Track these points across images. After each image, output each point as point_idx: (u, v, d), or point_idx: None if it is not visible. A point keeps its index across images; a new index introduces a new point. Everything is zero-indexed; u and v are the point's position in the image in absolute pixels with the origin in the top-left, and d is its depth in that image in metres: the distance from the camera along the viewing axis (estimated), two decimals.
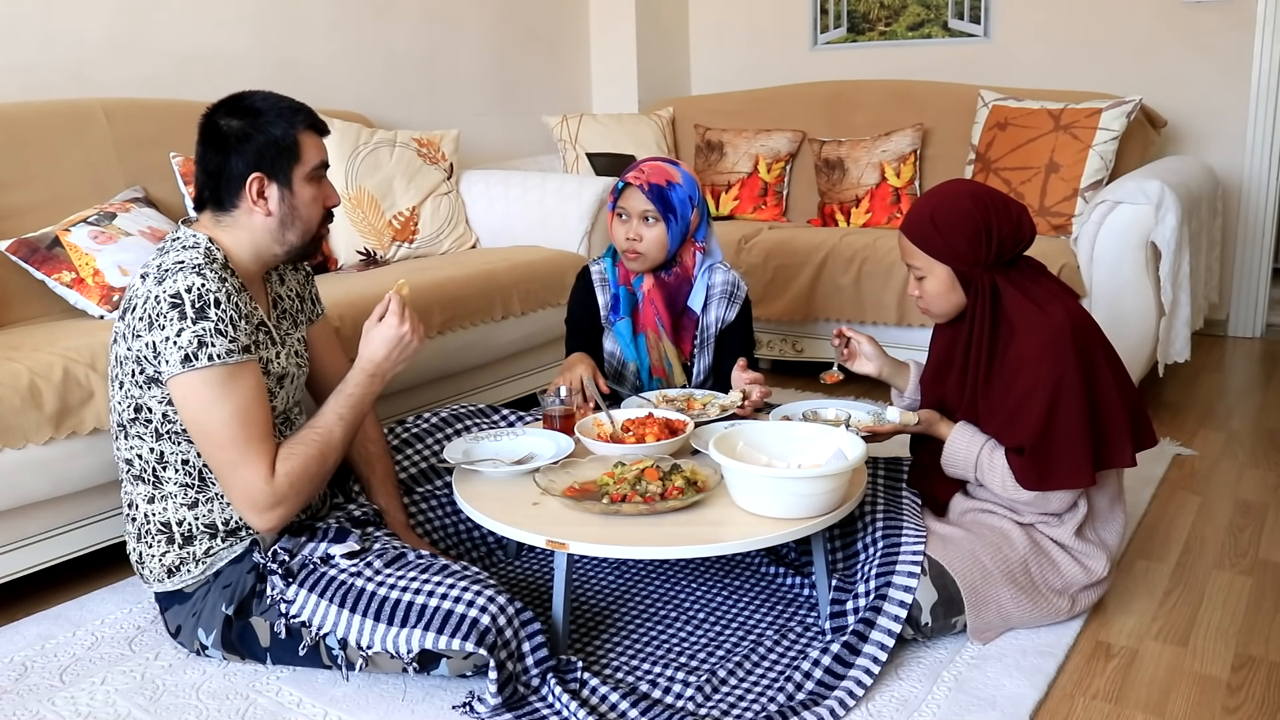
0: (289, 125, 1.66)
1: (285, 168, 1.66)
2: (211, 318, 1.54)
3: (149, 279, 1.59)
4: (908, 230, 1.80)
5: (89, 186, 2.51)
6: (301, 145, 1.67)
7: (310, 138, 1.69)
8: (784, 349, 3.35)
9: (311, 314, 1.89)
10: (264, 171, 1.65)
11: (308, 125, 1.69)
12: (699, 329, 2.23)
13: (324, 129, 1.72)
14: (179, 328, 1.53)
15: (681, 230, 2.17)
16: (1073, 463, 1.68)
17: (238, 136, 1.64)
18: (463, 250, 3.20)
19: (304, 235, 1.72)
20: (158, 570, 1.70)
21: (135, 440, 1.66)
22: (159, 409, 1.61)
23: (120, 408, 1.66)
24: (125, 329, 1.60)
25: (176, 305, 1.53)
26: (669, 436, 1.85)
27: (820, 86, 3.98)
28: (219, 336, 1.54)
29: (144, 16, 2.85)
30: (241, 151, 1.64)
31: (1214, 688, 1.63)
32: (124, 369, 1.62)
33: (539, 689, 1.57)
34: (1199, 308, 3.04)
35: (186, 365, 1.53)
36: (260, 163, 1.64)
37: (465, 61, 3.89)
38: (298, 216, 1.69)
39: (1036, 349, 1.69)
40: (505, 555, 2.07)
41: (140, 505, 1.69)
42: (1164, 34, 3.67)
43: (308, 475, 1.64)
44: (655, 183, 2.13)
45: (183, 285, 1.54)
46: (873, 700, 1.58)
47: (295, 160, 1.67)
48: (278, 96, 1.69)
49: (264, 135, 1.64)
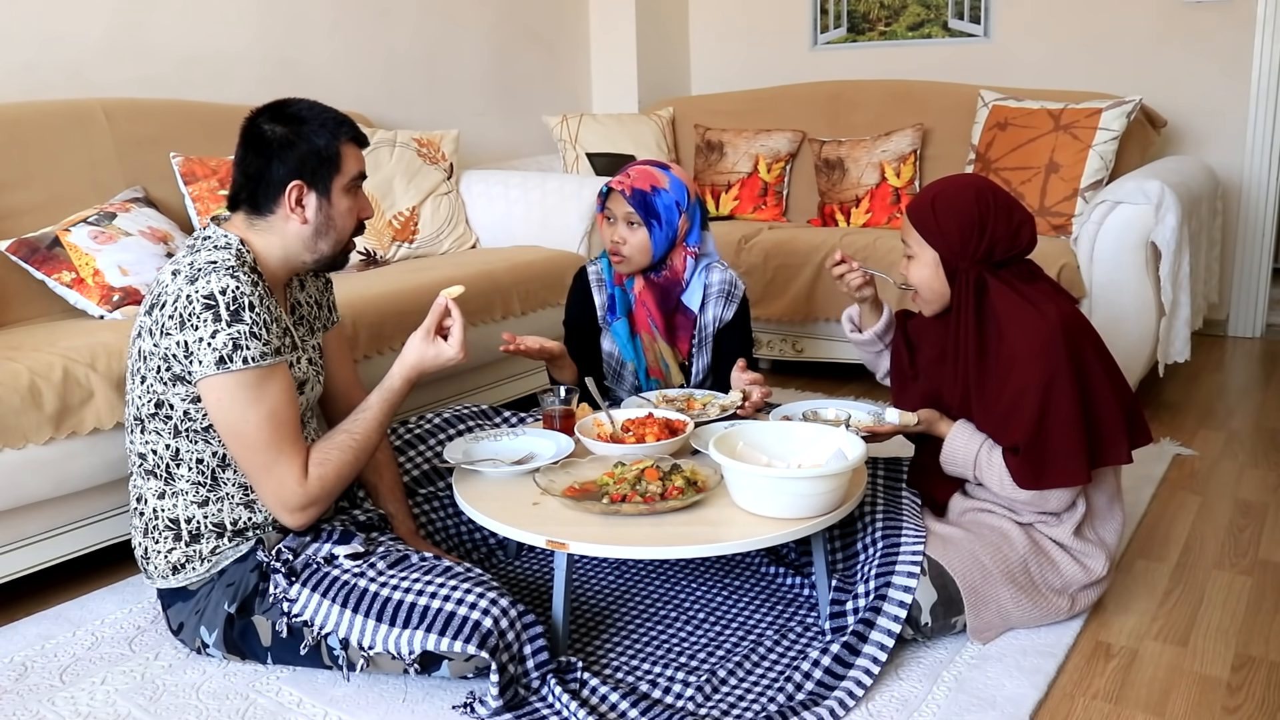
0: (333, 135, 1.66)
1: (326, 178, 1.67)
2: (246, 320, 1.55)
3: (180, 276, 1.58)
4: (909, 209, 1.84)
5: (89, 186, 2.51)
6: (343, 156, 1.68)
7: (351, 149, 1.70)
8: (784, 349, 3.35)
9: (327, 321, 1.90)
10: (305, 180, 1.65)
11: (350, 137, 1.69)
12: (696, 328, 2.23)
13: (364, 141, 1.73)
14: (214, 329, 1.53)
15: (668, 236, 2.17)
16: (1068, 462, 1.68)
17: (281, 143, 1.64)
18: (463, 250, 3.20)
19: (336, 245, 1.72)
20: (162, 566, 1.70)
21: (152, 435, 1.66)
22: (181, 406, 1.62)
23: (140, 401, 1.65)
24: (152, 324, 1.60)
25: (210, 307, 1.54)
26: (669, 436, 1.85)
27: (820, 86, 3.98)
28: (253, 340, 1.55)
29: (144, 17, 2.85)
30: (284, 158, 1.64)
31: (1214, 688, 1.63)
32: (148, 364, 1.62)
33: (539, 689, 1.57)
34: (1199, 308, 3.04)
35: (221, 367, 1.54)
36: (302, 171, 1.65)
37: (465, 61, 3.89)
38: (333, 226, 1.70)
39: (1028, 348, 1.69)
40: (505, 555, 2.07)
41: (149, 500, 1.70)
42: (1164, 34, 3.67)
43: (340, 478, 1.66)
44: (639, 188, 2.13)
45: (217, 286, 1.54)
46: (873, 700, 1.58)
47: (336, 171, 1.67)
48: (322, 106, 1.70)
49: (307, 144, 1.64)
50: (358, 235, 1.77)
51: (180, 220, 2.57)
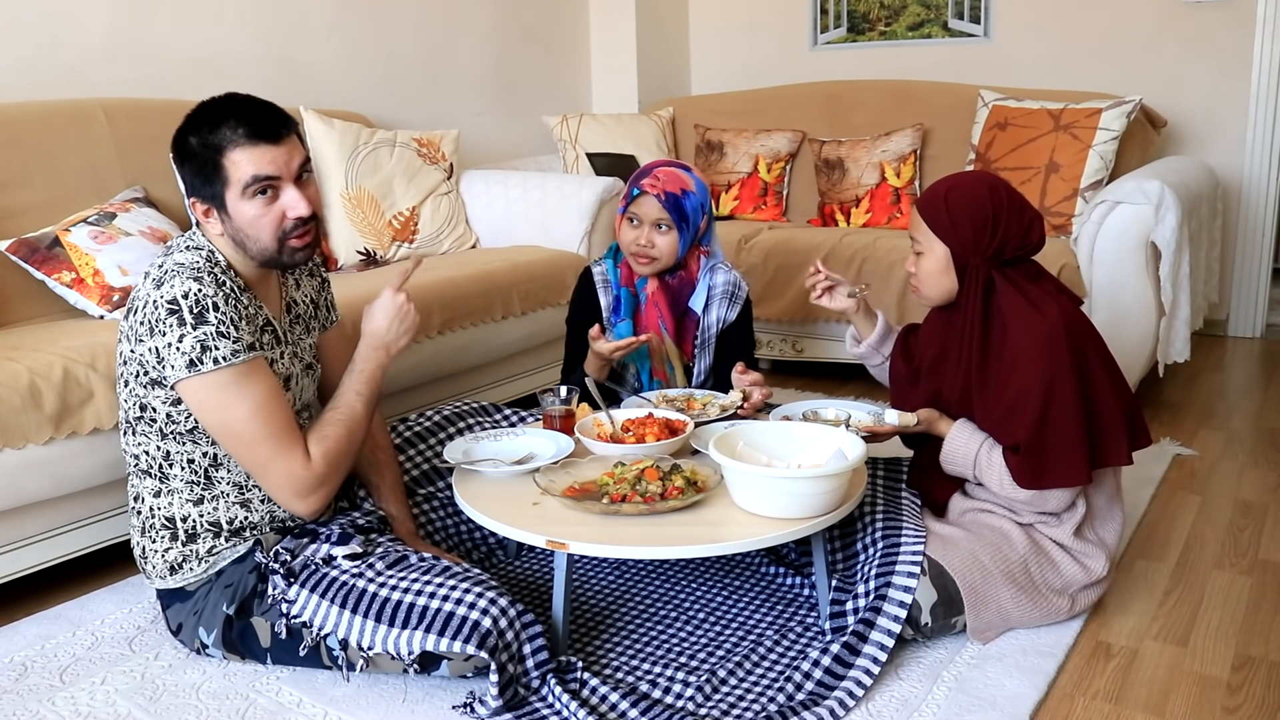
0: (213, 146, 1.55)
1: (213, 190, 1.59)
2: (211, 321, 1.54)
3: (149, 280, 1.60)
4: (920, 204, 1.82)
5: (89, 186, 2.51)
6: (226, 165, 1.56)
7: (242, 153, 1.55)
8: (784, 349, 3.35)
9: (325, 320, 1.90)
10: (196, 195, 1.61)
11: (245, 137, 1.55)
12: (700, 329, 2.23)
13: (272, 135, 1.57)
14: (180, 334, 1.53)
15: (692, 237, 2.17)
16: (1068, 462, 1.68)
17: (180, 157, 1.61)
18: (463, 250, 3.20)
19: (265, 249, 1.62)
20: (160, 566, 1.70)
21: (142, 437, 1.67)
22: (163, 409, 1.62)
23: (126, 405, 1.67)
24: (129, 330, 1.61)
25: (174, 312, 1.54)
26: (669, 436, 1.85)
27: (820, 86, 3.98)
28: (221, 339, 1.55)
29: (144, 17, 2.85)
30: (180, 173, 1.63)
31: (1214, 688, 1.63)
32: (128, 368, 1.63)
33: (539, 689, 1.57)
34: (1199, 308, 3.04)
35: (192, 370, 1.54)
36: (191, 187, 1.60)
37: (465, 61, 3.89)
38: (246, 235, 1.61)
39: (1030, 348, 1.69)
40: (505, 555, 2.07)
41: (146, 499, 1.70)
42: (1164, 34, 3.67)
43: (341, 453, 1.67)
44: (671, 191, 2.12)
45: (179, 291, 1.54)
46: (873, 700, 1.58)
47: (222, 182, 1.57)
48: (222, 105, 1.58)
49: (190, 159, 1.59)
50: (302, 229, 1.62)
51: (180, 220, 2.57)
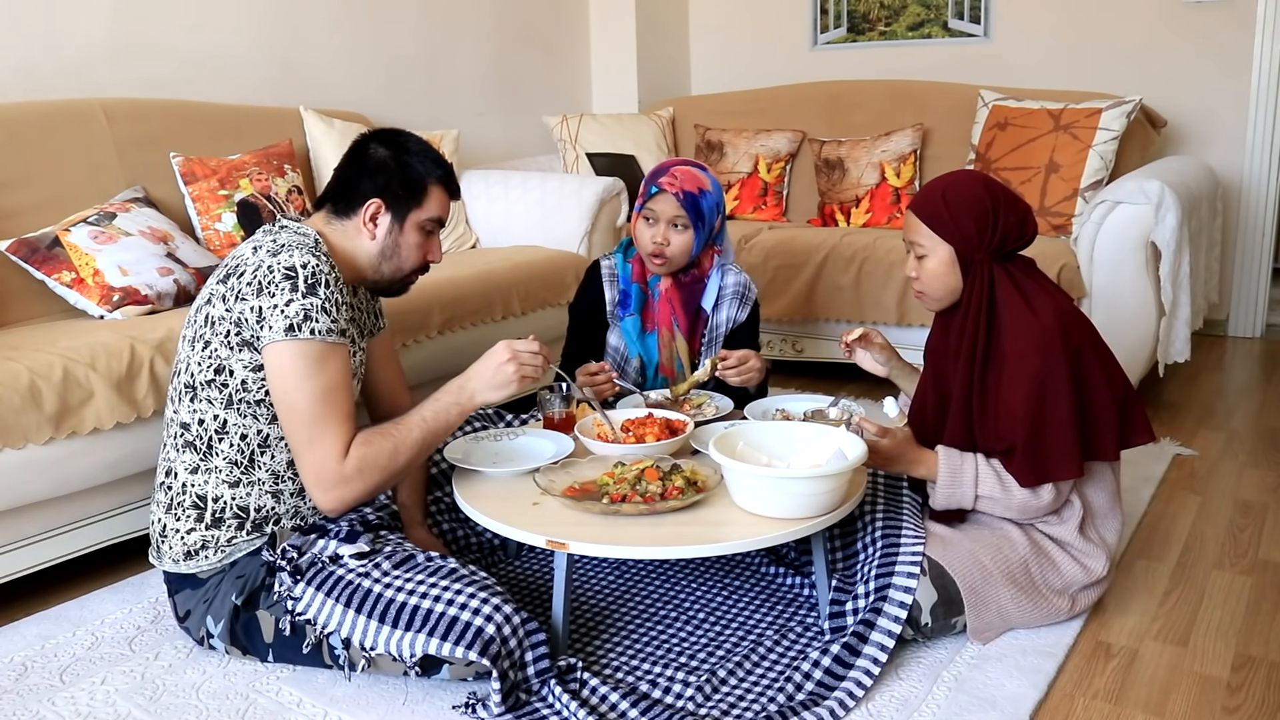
0: (426, 173, 1.76)
1: (405, 206, 1.75)
2: (321, 295, 1.61)
3: (261, 250, 1.65)
4: (917, 207, 1.80)
5: (89, 186, 2.51)
6: (428, 193, 1.77)
7: (439, 192, 1.78)
8: (784, 349, 3.35)
9: (374, 327, 1.92)
10: (385, 200, 1.74)
11: (441, 180, 1.78)
12: (708, 328, 2.23)
13: (456, 193, 1.83)
14: (289, 298, 1.59)
15: (707, 236, 2.18)
16: (1065, 455, 1.68)
17: (377, 163, 1.74)
18: (463, 250, 3.20)
19: (396, 273, 1.80)
20: (177, 548, 1.70)
21: (203, 404, 1.67)
22: (241, 374, 1.64)
23: (198, 368, 1.67)
24: (227, 291, 1.64)
25: (290, 277, 1.60)
26: (669, 436, 1.85)
27: (820, 86, 3.98)
28: (323, 314, 1.60)
29: (144, 17, 2.85)
30: (375, 176, 1.74)
31: (1214, 688, 1.63)
32: (215, 329, 1.65)
33: (539, 690, 1.57)
34: (1199, 308, 3.04)
35: (289, 335, 1.59)
36: (385, 191, 1.74)
37: (465, 62, 3.89)
38: (397, 253, 1.77)
39: (1024, 347, 1.69)
40: (506, 555, 2.07)
41: (180, 474, 1.70)
42: (1164, 34, 3.67)
43: (377, 465, 1.66)
44: (688, 190, 2.12)
45: (299, 260, 1.61)
46: (873, 700, 1.58)
47: (417, 204, 1.76)
48: (430, 148, 1.80)
49: (401, 171, 1.74)
50: (421, 273, 1.85)
51: (180, 220, 2.57)
